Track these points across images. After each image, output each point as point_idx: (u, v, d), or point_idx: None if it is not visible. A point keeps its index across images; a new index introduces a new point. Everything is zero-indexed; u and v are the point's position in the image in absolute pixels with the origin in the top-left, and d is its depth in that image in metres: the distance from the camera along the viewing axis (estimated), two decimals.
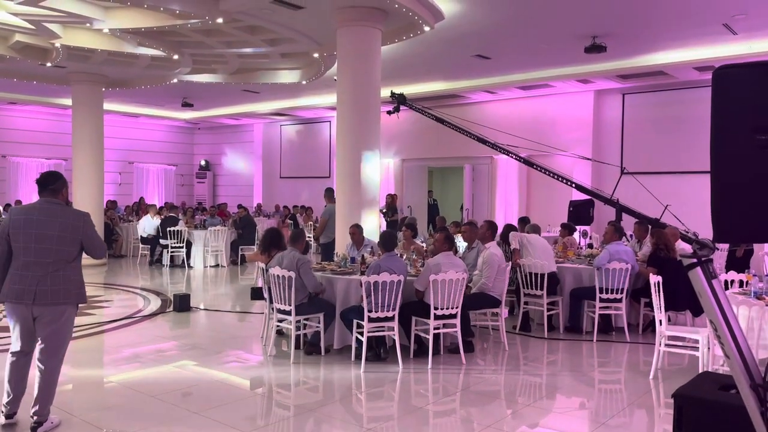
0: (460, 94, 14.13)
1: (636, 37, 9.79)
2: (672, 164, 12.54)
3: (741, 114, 2.08)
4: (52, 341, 4.06)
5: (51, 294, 3.96)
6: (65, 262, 4.02)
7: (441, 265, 5.88)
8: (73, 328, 4.26)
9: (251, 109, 17.54)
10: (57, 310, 4.01)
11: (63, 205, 4.12)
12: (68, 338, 4.20)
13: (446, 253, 6.08)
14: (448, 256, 6.06)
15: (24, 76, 13.09)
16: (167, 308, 8.62)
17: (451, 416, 4.71)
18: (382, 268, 5.75)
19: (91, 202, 13.26)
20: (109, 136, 15.11)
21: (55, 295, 3.97)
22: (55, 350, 4.09)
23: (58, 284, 3.98)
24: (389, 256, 5.98)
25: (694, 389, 2.93)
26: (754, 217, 2.06)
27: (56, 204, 4.07)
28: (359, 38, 8.48)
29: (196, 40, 10.43)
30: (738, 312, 4.72)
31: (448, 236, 6.30)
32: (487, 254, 6.63)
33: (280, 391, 5.34)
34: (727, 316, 1.87)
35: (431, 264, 5.95)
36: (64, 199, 4.17)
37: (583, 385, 5.55)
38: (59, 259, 3.99)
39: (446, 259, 6.00)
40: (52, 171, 4.30)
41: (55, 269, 3.97)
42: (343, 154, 8.61)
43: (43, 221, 3.98)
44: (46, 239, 3.96)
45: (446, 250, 6.12)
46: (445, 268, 5.83)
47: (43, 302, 3.95)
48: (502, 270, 6.62)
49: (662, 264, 6.72)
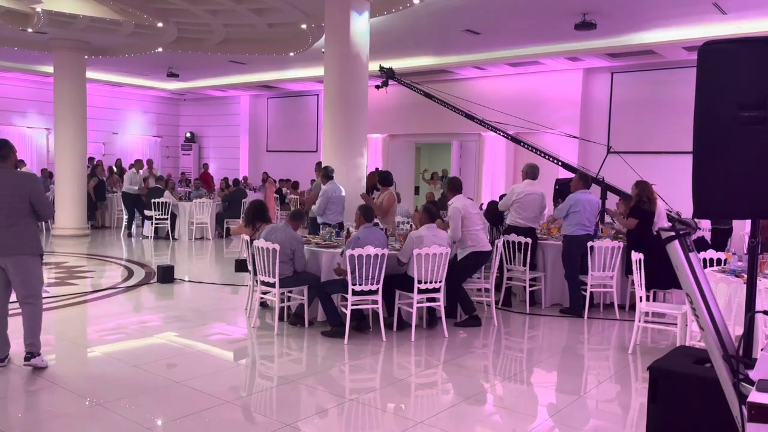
0: (449, 69, 14.03)
1: (626, 15, 9.75)
2: (659, 144, 12.59)
3: (726, 90, 2.09)
4: (26, 287, 4.61)
5: (8, 246, 4.50)
6: (17, 218, 4.52)
7: (423, 237, 5.91)
8: (42, 273, 4.80)
9: (238, 80, 17.31)
10: (20, 260, 4.56)
11: (12, 169, 4.67)
12: (39, 282, 4.73)
13: (428, 225, 6.13)
14: (430, 228, 6.11)
15: (5, 42, 12.77)
16: (151, 280, 8.59)
17: (433, 388, 4.77)
18: (361, 240, 5.76)
19: (74, 171, 13.11)
20: (92, 105, 14.85)
21: (11, 247, 4.50)
22: (30, 293, 4.63)
23: (12, 237, 4.50)
24: (366, 227, 5.99)
25: (669, 362, 2.99)
26: (735, 193, 2.08)
27: (5, 168, 4.59)
28: (347, 9, 8.36)
29: (181, 8, 10.22)
30: (717, 289, 4.80)
31: (426, 208, 6.35)
32: (450, 209, 6.61)
33: (263, 363, 5.36)
34: (703, 288, 1.89)
35: (414, 236, 5.98)
36: (13, 163, 4.71)
37: (563, 359, 5.64)
38: (11, 216, 4.50)
39: (429, 231, 6.04)
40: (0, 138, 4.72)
41: (8, 224, 4.49)
42: (330, 129, 8.55)
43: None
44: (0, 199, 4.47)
45: (427, 222, 6.16)
46: (428, 241, 5.86)
47: (3, 254, 4.49)
48: (473, 219, 6.51)
49: (644, 216, 6.85)
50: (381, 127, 16.11)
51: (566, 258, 7.18)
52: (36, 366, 4.63)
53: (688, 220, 2.08)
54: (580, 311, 7.03)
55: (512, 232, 7.18)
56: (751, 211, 2.12)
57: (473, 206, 6.74)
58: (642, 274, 5.56)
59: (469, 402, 4.41)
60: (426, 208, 6.38)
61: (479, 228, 6.55)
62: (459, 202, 6.55)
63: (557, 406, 4.43)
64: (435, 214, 6.32)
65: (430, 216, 6.24)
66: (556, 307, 7.46)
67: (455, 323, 6.44)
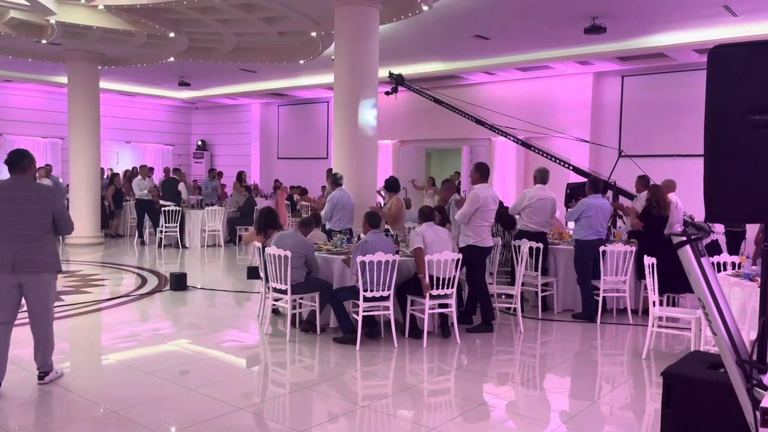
0: (459, 75, 14.05)
1: (636, 18, 9.72)
2: (670, 147, 12.51)
3: (736, 93, 2.08)
4: (39, 305, 4.46)
5: (29, 263, 4.32)
6: (40, 233, 4.36)
7: (425, 234, 5.95)
8: (55, 292, 4.71)
9: (249, 88, 17.43)
10: (37, 277, 4.38)
11: (33, 181, 4.55)
12: (52, 301, 4.60)
13: (428, 223, 6.18)
14: (430, 226, 6.16)
15: (19, 53, 12.97)
16: (164, 287, 8.65)
17: (445, 394, 4.76)
18: (369, 245, 5.76)
19: (88, 180, 13.25)
20: (105, 115, 15.00)
21: (32, 264, 4.33)
22: (42, 312, 4.49)
23: (35, 254, 4.34)
24: (374, 233, 6.00)
25: (683, 368, 2.96)
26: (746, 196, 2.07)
27: (27, 180, 4.43)
28: (357, 17, 8.40)
29: (193, 18, 10.33)
30: (731, 294, 4.75)
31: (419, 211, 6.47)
32: (470, 193, 6.57)
33: (275, 369, 5.38)
34: (715, 293, 1.88)
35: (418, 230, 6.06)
36: (33, 175, 4.57)
37: (576, 365, 5.60)
38: (34, 231, 4.34)
39: (430, 230, 6.09)
40: (20, 149, 4.54)
41: (31, 240, 4.32)
42: (340, 135, 8.58)
43: (19, 196, 4.32)
44: (23, 213, 4.31)
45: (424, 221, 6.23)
46: (429, 237, 5.92)
47: (22, 270, 4.30)
48: (486, 215, 6.45)
49: (654, 221, 6.83)
50: (391, 133, 16.14)
51: (578, 263, 7.15)
52: (52, 380, 4.60)
53: (701, 224, 2.07)
54: (592, 316, 6.98)
55: (523, 237, 7.16)
56: (763, 215, 2.10)
57: (494, 202, 6.60)
58: (655, 279, 5.52)
59: (482, 408, 4.39)
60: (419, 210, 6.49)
61: (486, 225, 6.52)
62: (482, 192, 6.46)
63: (571, 412, 4.40)
64: (429, 214, 6.33)
65: (424, 216, 6.29)
66: (568, 312, 7.42)
67: (467, 329, 6.43)
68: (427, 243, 5.92)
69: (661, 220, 6.87)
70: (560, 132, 12.20)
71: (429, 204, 11.66)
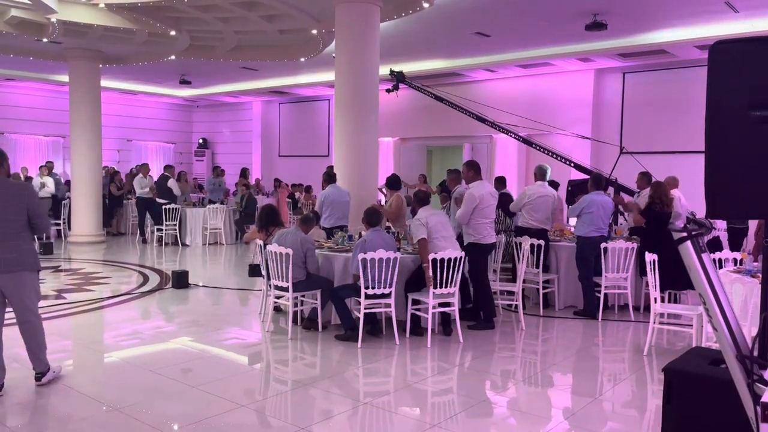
0: (460, 72, 14.03)
1: (637, 14, 9.70)
2: (672, 144, 12.49)
3: (737, 89, 2.08)
4: (23, 304, 4.35)
5: (4, 263, 4.20)
6: (15, 231, 4.24)
7: (428, 219, 5.96)
8: (39, 290, 4.56)
9: (250, 86, 17.42)
10: (15, 277, 4.26)
11: (5, 178, 4.36)
12: (36, 299, 4.47)
13: (425, 207, 6.21)
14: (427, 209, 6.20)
15: (20, 52, 12.97)
16: (165, 285, 8.66)
17: (447, 391, 4.77)
18: (368, 243, 5.76)
19: (89, 179, 13.26)
20: (106, 113, 15.01)
21: (8, 263, 4.21)
22: (28, 312, 4.37)
23: (10, 252, 4.21)
24: (374, 231, 5.99)
25: (684, 364, 2.97)
26: (747, 192, 2.07)
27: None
28: (357, 14, 8.39)
29: (193, 16, 10.32)
30: (732, 290, 4.75)
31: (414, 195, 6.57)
32: (467, 193, 6.53)
33: (277, 367, 5.39)
34: (716, 288, 1.88)
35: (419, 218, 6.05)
36: (6, 173, 4.39)
37: (578, 361, 5.61)
38: (8, 229, 4.21)
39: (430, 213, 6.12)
40: None
41: (5, 238, 4.20)
42: (341, 133, 8.58)
43: None
44: None
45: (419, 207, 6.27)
46: (432, 222, 5.94)
47: (2, 270, 4.19)
48: (485, 212, 6.41)
49: (655, 217, 6.83)
50: (392, 130, 16.13)
51: (580, 259, 7.15)
52: (50, 380, 4.53)
53: (702, 220, 2.07)
54: (594, 313, 6.99)
55: (524, 234, 7.16)
56: (764, 211, 2.10)
57: (492, 197, 6.56)
58: (656, 275, 5.52)
59: (483, 405, 4.40)
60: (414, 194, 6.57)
61: (487, 221, 6.49)
62: (478, 191, 6.41)
63: (572, 408, 4.41)
64: (424, 199, 6.35)
65: (420, 200, 6.31)
66: (569, 309, 7.42)
67: (468, 326, 6.43)
68: (430, 228, 5.92)
69: (663, 216, 6.86)
70: (561, 129, 12.18)
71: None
